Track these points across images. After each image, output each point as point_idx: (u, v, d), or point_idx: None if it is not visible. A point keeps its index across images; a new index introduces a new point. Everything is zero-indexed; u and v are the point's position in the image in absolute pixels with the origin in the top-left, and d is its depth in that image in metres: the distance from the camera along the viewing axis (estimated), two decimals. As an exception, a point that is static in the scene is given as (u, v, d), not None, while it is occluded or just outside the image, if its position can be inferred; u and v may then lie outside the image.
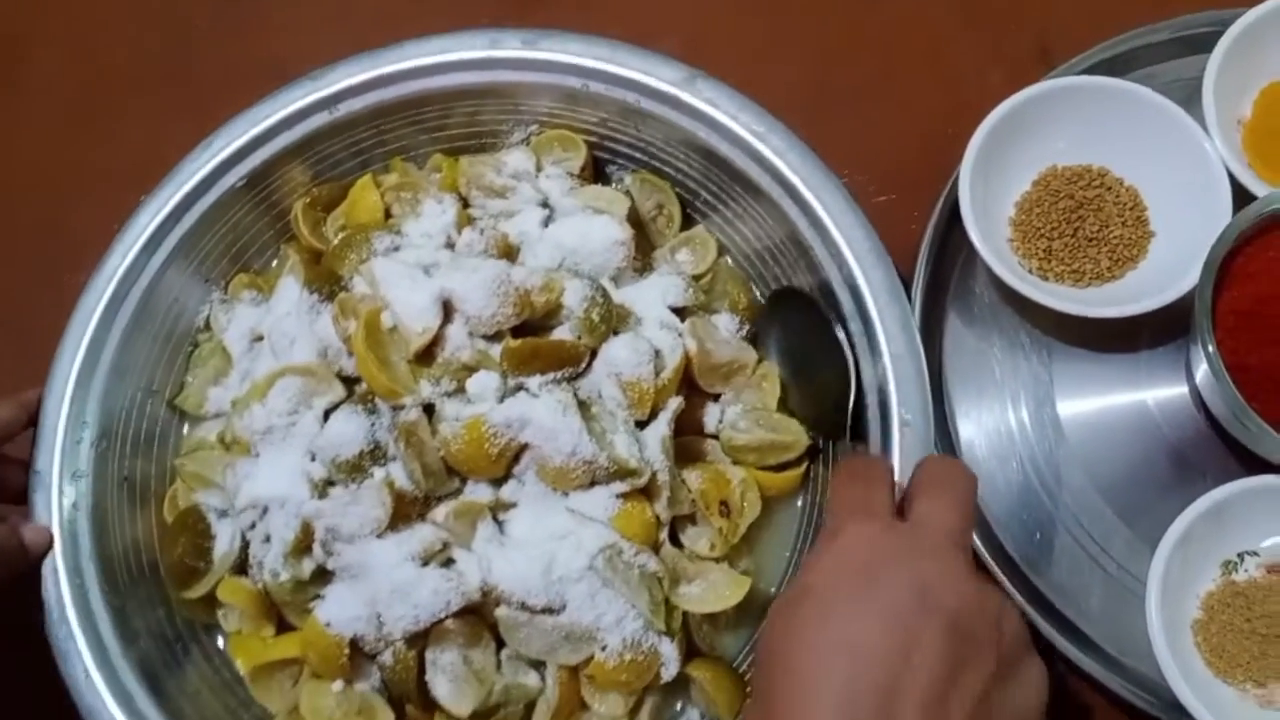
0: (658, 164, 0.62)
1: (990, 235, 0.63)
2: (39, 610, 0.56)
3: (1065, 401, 0.64)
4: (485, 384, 0.54)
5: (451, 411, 0.54)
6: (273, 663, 0.56)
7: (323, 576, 0.55)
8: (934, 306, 0.65)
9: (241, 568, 0.57)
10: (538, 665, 0.54)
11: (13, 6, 0.78)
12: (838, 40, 0.73)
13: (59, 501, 0.57)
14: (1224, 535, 0.58)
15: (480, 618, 0.54)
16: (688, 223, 0.64)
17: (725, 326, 0.60)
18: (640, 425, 0.55)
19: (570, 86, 0.61)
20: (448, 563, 0.54)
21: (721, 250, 0.63)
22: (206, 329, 0.63)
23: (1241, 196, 0.60)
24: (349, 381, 0.56)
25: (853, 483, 0.48)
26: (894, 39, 0.73)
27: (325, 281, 0.58)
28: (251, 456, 0.57)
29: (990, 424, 0.64)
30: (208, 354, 0.62)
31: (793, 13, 0.73)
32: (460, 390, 0.54)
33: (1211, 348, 0.56)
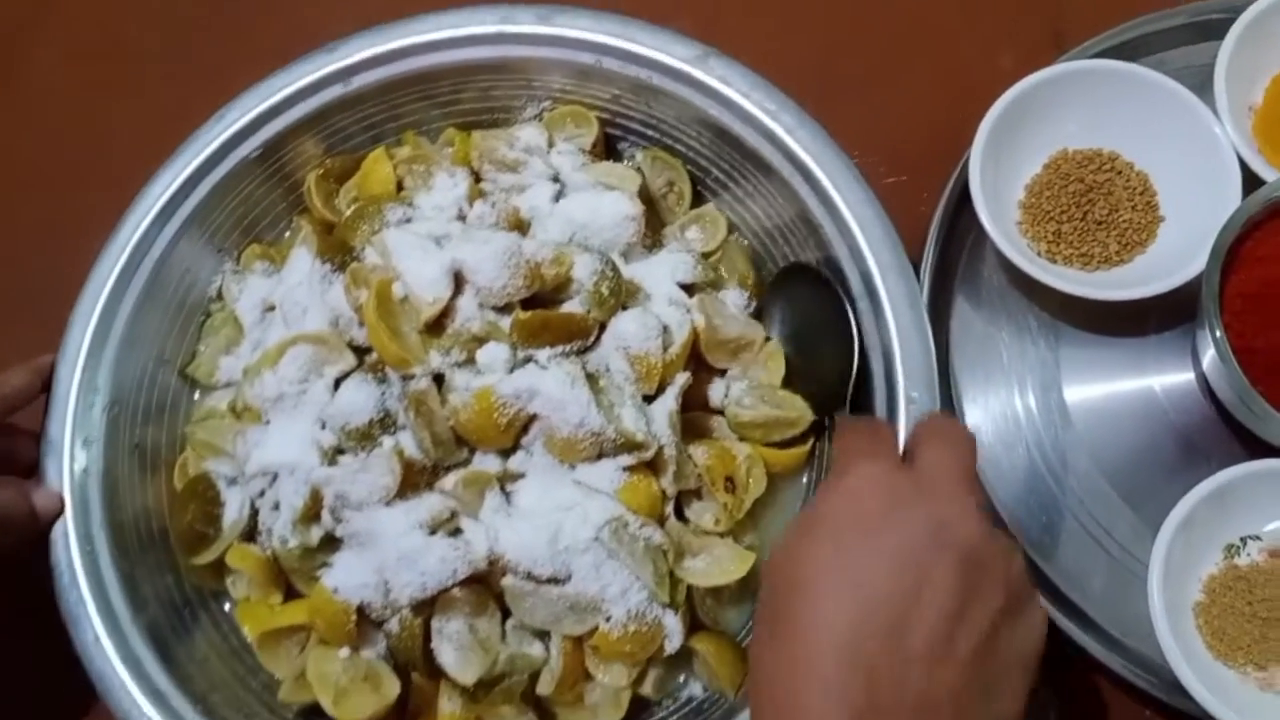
0: (669, 141, 0.62)
1: (1000, 218, 0.63)
2: (49, 575, 0.56)
3: (1072, 387, 0.64)
4: (495, 355, 0.54)
5: (461, 382, 0.54)
6: (280, 629, 0.56)
7: (331, 544, 0.55)
8: (942, 289, 0.66)
9: (250, 535, 0.57)
10: (543, 635, 0.55)
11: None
12: (850, 21, 0.73)
13: (70, 467, 0.57)
14: (1227, 519, 0.59)
15: (486, 587, 0.54)
16: (698, 200, 0.64)
17: (733, 303, 0.60)
18: (648, 400, 0.56)
19: (583, 63, 0.61)
20: (455, 532, 0.54)
21: (731, 228, 0.63)
22: (218, 299, 0.63)
23: (1252, 182, 0.60)
24: (360, 351, 0.56)
25: (858, 432, 0.49)
26: (907, 21, 0.73)
27: (337, 252, 0.58)
28: (262, 424, 0.57)
29: (997, 409, 0.64)
30: (219, 324, 0.63)
31: (806, -7, 0.73)
32: (470, 361, 0.55)
33: (1219, 331, 0.56)
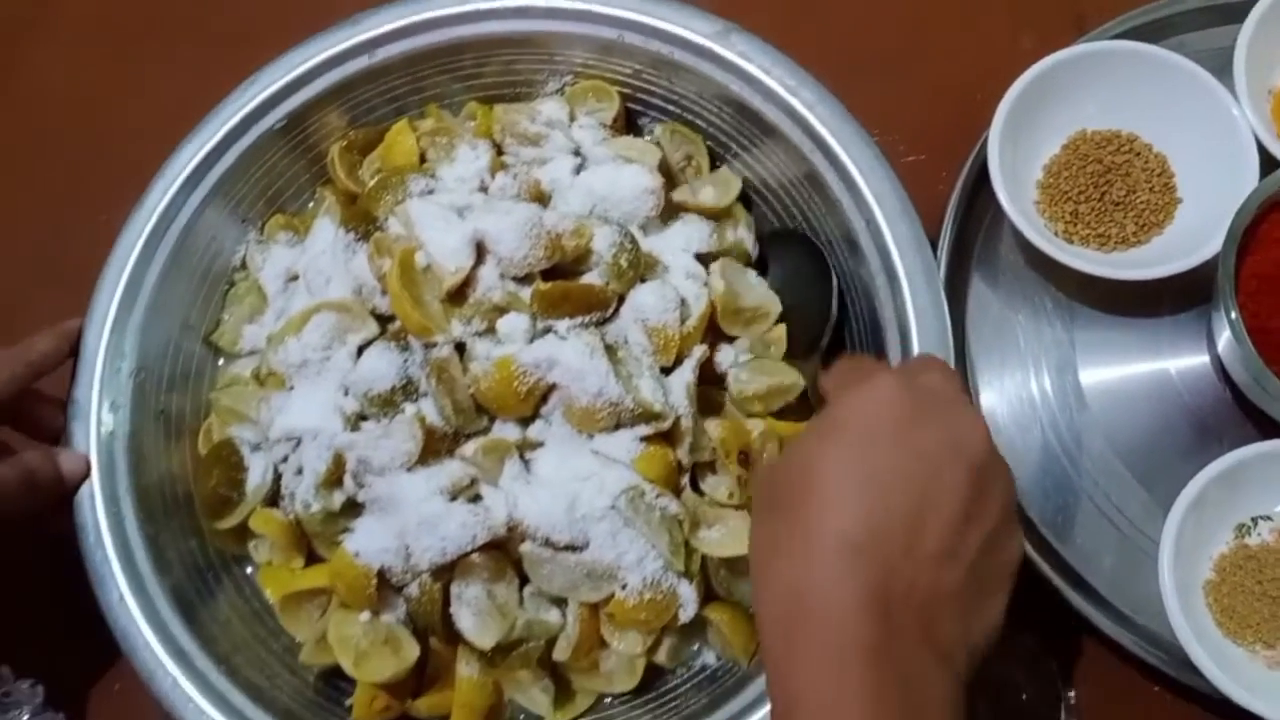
0: (689, 116, 0.63)
1: (1017, 197, 0.63)
2: (75, 534, 0.57)
3: (1087, 369, 0.65)
4: (515, 325, 0.55)
5: (482, 350, 0.55)
6: (301, 592, 0.57)
7: (353, 509, 0.56)
8: (959, 269, 0.66)
9: (273, 500, 0.58)
10: (559, 602, 0.55)
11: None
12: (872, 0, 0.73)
13: (97, 430, 0.58)
14: (1238, 498, 0.59)
15: (505, 554, 0.55)
16: (716, 176, 0.64)
17: (755, 275, 0.60)
18: (665, 372, 0.56)
19: (605, 37, 0.61)
20: (475, 498, 0.55)
21: (750, 202, 0.64)
22: (243, 268, 0.64)
23: (1269, 165, 0.61)
24: (383, 319, 0.57)
25: (859, 360, 0.51)
26: (928, 0, 0.73)
27: (361, 222, 0.59)
28: (286, 390, 0.58)
29: (1012, 390, 0.64)
30: (244, 292, 0.63)
31: (827, -29, 0.73)
32: (491, 330, 0.55)
33: (1234, 312, 0.57)
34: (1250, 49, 0.63)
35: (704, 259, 0.59)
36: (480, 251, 0.55)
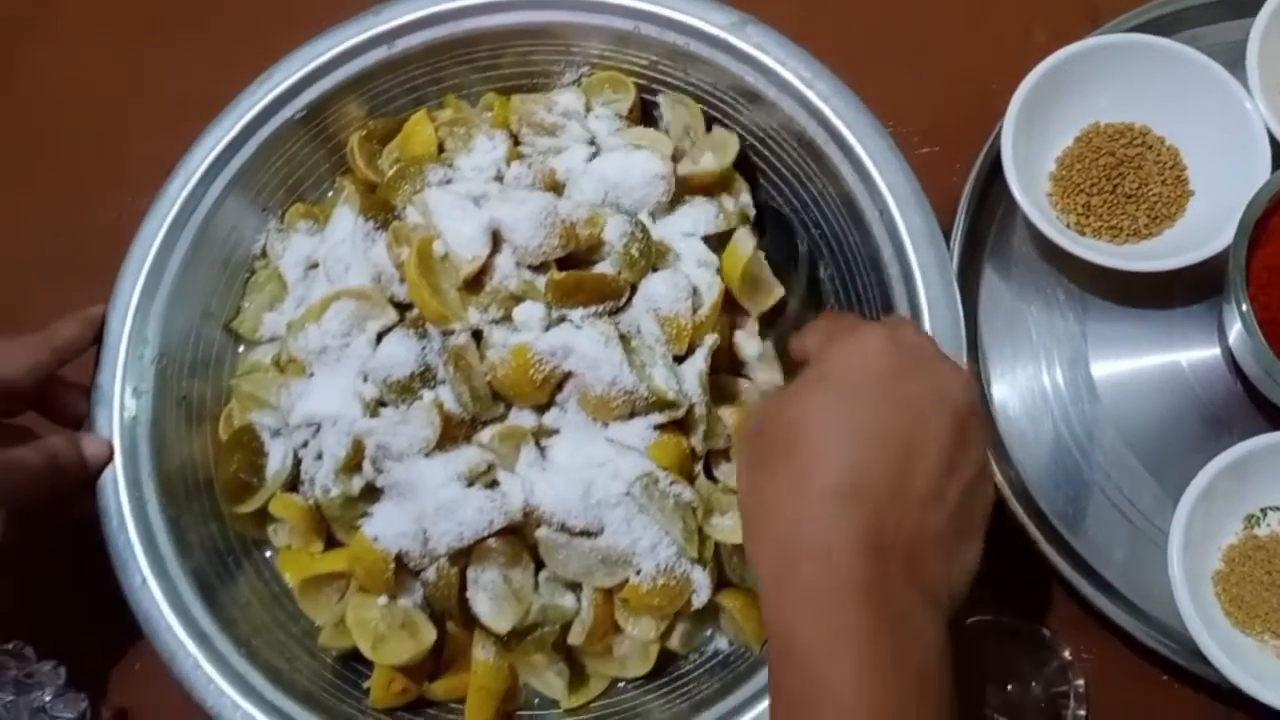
0: (705, 108, 0.63)
1: (1030, 189, 0.63)
2: (98, 518, 0.57)
3: (1099, 361, 0.65)
4: (531, 313, 0.55)
5: (499, 338, 0.55)
6: (320, 576, 0.58)
7: (371, 494, 0.56)
8: (971, 261, 0.66)
9: (293, 485, 0.59)
10: (574, 587, 0.56)
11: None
12: (887, -8, 0.74)
13: (120, 416, 0.58)
14: (1247, 489, 0.59)
15: (521, 539, 0.55)
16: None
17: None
18: (678, 360, 0.57)
19: (621, 28, 0.62)
20: (492, 484, 0.55)
21: (763, 194, 0.64)
22: (263, 256, 0.65)
23: (1282, 158, 0.61)
24: (401, 307, 0.58)
25: (841, 316, 0.53)
26: (943, -8, 0.73)
27: (379, 211, 0.59)
28: (306, 376, 0.58)
29: (1024, 382, 0.65)
30: (264, 280, 0.64)
31: (842, -36, 0.74)
32: (507, 318, 0.56)
33: (1245, 304, 0.57)
34: (1263, 42, 0.63)
35: (711, 241, 0.59)
36: (496, 240, 0.56)
